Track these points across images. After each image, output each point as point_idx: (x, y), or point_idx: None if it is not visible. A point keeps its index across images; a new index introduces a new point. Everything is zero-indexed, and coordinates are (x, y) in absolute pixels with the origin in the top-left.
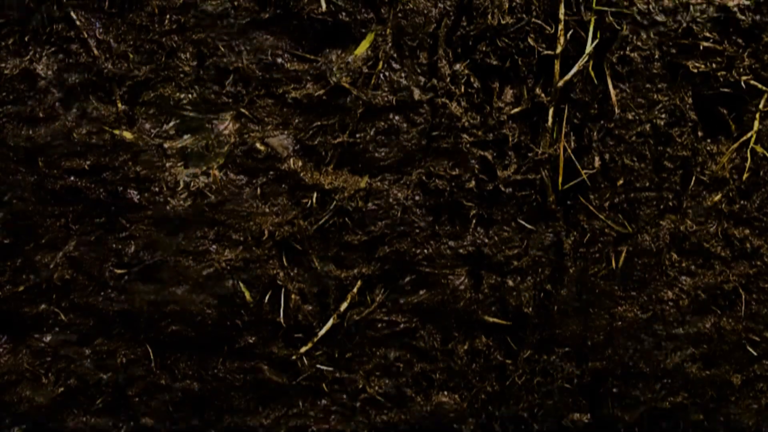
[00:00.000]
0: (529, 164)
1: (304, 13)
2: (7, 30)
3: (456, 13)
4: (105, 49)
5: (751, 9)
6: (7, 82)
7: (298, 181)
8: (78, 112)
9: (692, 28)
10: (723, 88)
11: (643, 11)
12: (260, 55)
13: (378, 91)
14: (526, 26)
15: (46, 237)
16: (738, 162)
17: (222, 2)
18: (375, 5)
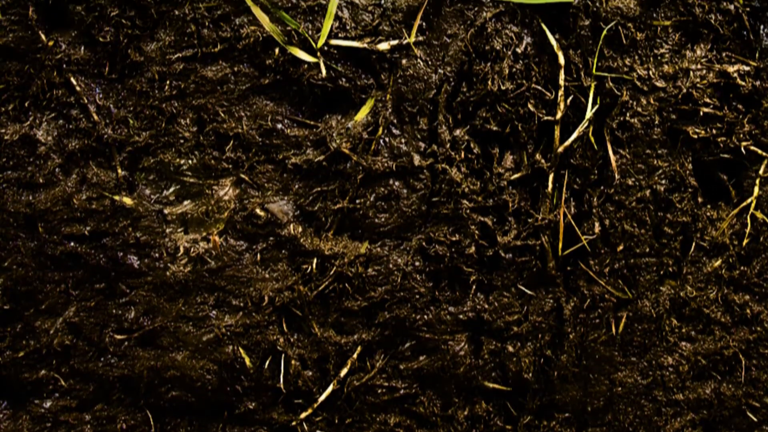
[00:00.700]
0: (529, 230)
1: (304, 79)
2: (7, 95)
3: (456, 78)
4: (105, 114)
5: (751, 75)
6: (7, 147)
7: (298, 247)
8: (78, 177)
9: (692, 94)
10: (723, 154)
11: (643, 77)
12: (260, 121)
13: (378, 156)
14: (526, 92)
15: (46, 302)
16: (738, 228)
17: (222, 68)
18: (375, 71)
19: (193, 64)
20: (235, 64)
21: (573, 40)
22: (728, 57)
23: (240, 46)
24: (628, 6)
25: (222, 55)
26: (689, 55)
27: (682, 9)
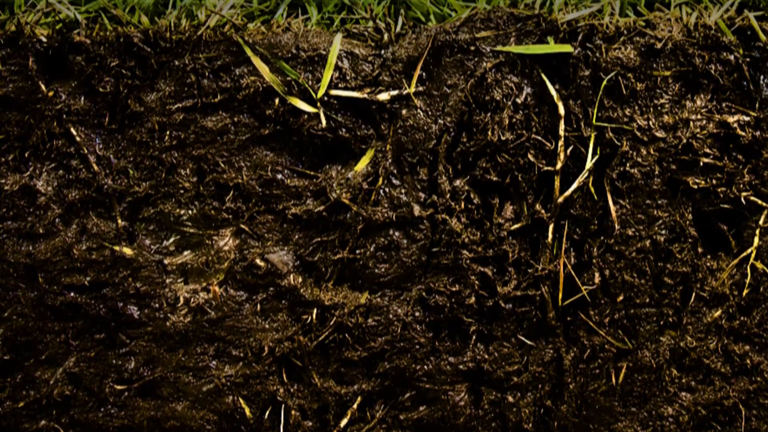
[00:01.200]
0: (529, 280)
1: (304, 130)
2: (8, 146)
3: (456, 129)
4: (105, 165)
5: (751, 125)
6: (7, 198)
7: (298, 297)
8: (78, 228)
9: (692, 144)
10: (723, 204)
11: (643, 127)
12: (260, 171)
13: (378, 207)
14: (527, 142)
15: (46, 353)
16: (738, 278)
17: (222, 118)
18: (375, 121)
19: (193, 115)
20: (235, 114)
21: (573, 91)
22: (728, 107)
23: (240, 97)
24: (628, 56)
25: (222, 106)
26: (689, 106)
27: (682, 59)
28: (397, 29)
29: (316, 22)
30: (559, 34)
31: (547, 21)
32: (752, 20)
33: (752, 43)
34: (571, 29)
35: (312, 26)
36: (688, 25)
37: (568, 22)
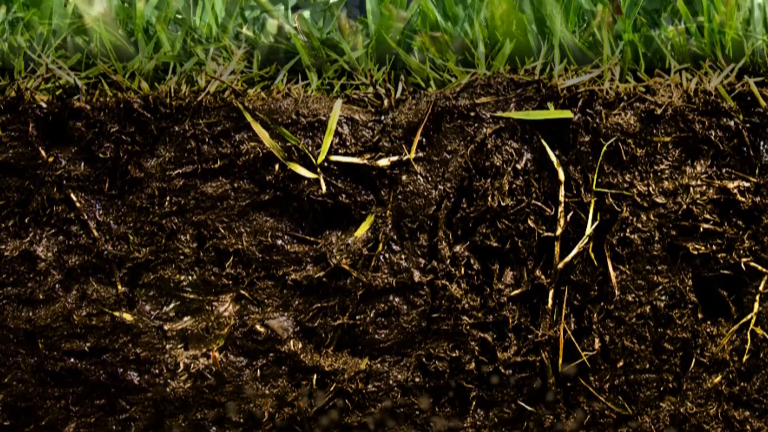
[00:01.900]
0: (529, 346)
1: (304, 195)
2: (7, 212)
3: (456, 195)
4: (105, 230)
5: (751, 191)
6: (7, 263)
7: (299, 363)
8: (78, 293)
9: (692, 210)
10: (723, 270)
11: (644, 193)
12: (260, 237)
13: (378, 272)
14: (527, 208)
15: (46, 419)
16: (738, 344)
17: (222, 184)
18: (375, 187)
19: (193, 180)
20: (235, 180)
21: (573, 156)
22: (728, 173)
23: (240, 162)
24: (628, 122)
25: (222, 171)
26: (689, 171)
27: (683, 125)
28: (397, 95)
29: (316, 88)
30: (559, 99)
31: (547, 87)
32: (752, 86)
33: (752, 109)
34: (571, 95)
35: (312, 92)
36: (688, 91)
37: (568, 88)
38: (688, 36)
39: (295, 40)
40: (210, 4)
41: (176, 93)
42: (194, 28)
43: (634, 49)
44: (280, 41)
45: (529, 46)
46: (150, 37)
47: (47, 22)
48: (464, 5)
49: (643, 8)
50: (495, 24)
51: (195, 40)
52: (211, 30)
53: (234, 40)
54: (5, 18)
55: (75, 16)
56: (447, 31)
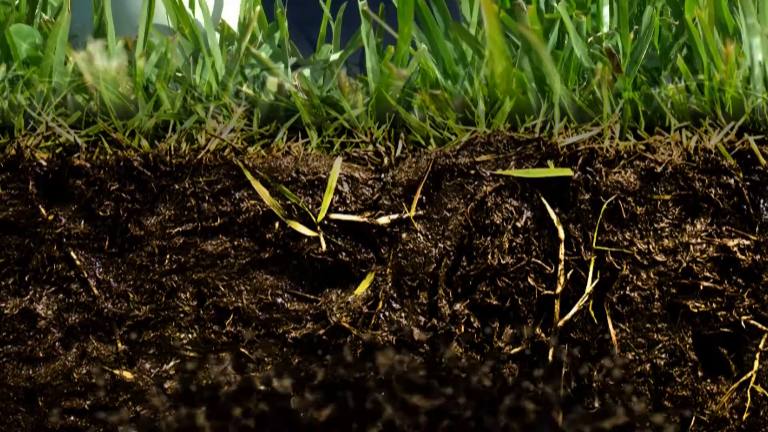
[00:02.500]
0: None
1: (304, 253)
2: (7, 270)
3: (456, 253)
4: (105, 288)
5: (751, 249)
6: (7, 321)
7: (298, 420)
8: (78, 351)
9: (692, 268)
10: (723, 328)
11: (643, 251)
12: (260, 295)
13: (378, 330)
14: (526, 266)
15: None
16: (738, 402)
17: (222, 242)
18: (375, 245)
19: (193, 238)
20: (235, 238)
21: (573, 214)
22: (728, 231)
23: (240, 221)
24: (628, 180)
25: (222, 230)
26: (689, 229)
27: (682, 183)
28: (397, 153)
29: (317, 146)
30: (559, 157)
31: (547, 145)
32: (752, 144)
33: (752, 167)
34: (571, 153)
35: (312, 150)
36: (688, 149)
37: (568, 146)
38: (688, 94)
39: (295, 98)
40: (210, 62)
41: (176, 151)
42: (194, 86)
43: (634, 107)
44: (281, 99)
45: (529, 104)
46: (150, 95)
47: (47, 80)
48: (464, 63)
49: (643, 66)
50: (495, 82)
51: (195, 98)
52: (212, 88)
53: (234, 98)
54: (5, 76)
55: (75, 74)
56: (447, 89)
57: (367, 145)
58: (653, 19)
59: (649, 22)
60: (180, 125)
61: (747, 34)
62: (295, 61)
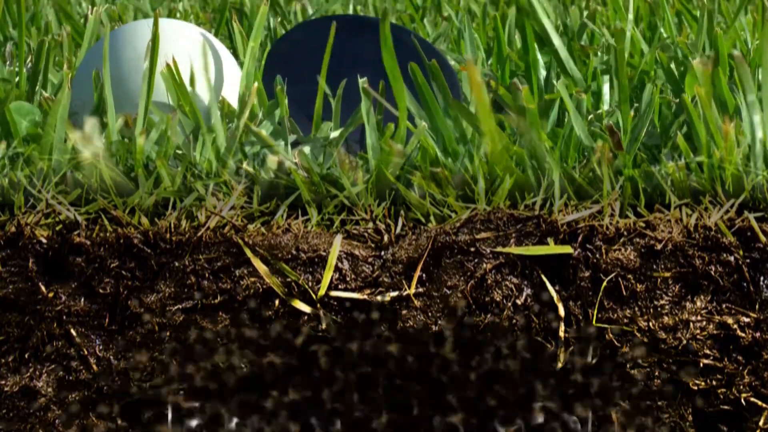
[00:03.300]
0: None
1: (304, 330)
2: (7, 347)
3: (456, 330)
4: (105, 366)
5: (751, 326)
6: (8, 399)
7: None
8: (78, 429)
9: (692, 345)
10: (723, 405)
11: (644, 328)
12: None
13: None
14: (527, 344)
15: None
16: None
17: (222, 319)
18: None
19: (193, 316)
20: (235, 315)
21: (573, 292)
22: (728, 308)
23: (240, 298)
24: (628, 258)
25: (222, 307)
26: (689, 307)
27: (682, 260)
28: (397, 230)
29: (316, 223)
30: (559, 235)
31: (547, 222)
32: (752, 221)
33: (752, 244)
34: (571, 230)
35: (312, 227)
36: (688, 226)
37: (568, 223)
38: (688, 171)
39: (295, 175)
40: (210, 140)
41: (176, 228)
42: (194, 163)
43: (634, 184)
44: (280, 177)
45: (529, 182)
46: (150, 172)
47: (47, 158)
48: (464, 141)
49: (644, 144)
50: (495, 159)
51: (195, 176)
52: (212, 165)
53: (234, 176)
54: (5, 153)
55: (75, 152)
56: (447, 166)
57: (367, 222)
58: (653, 97)
59: (650, 99)
60: (180, 202)
61: (747, 111)
62: (295, 138)
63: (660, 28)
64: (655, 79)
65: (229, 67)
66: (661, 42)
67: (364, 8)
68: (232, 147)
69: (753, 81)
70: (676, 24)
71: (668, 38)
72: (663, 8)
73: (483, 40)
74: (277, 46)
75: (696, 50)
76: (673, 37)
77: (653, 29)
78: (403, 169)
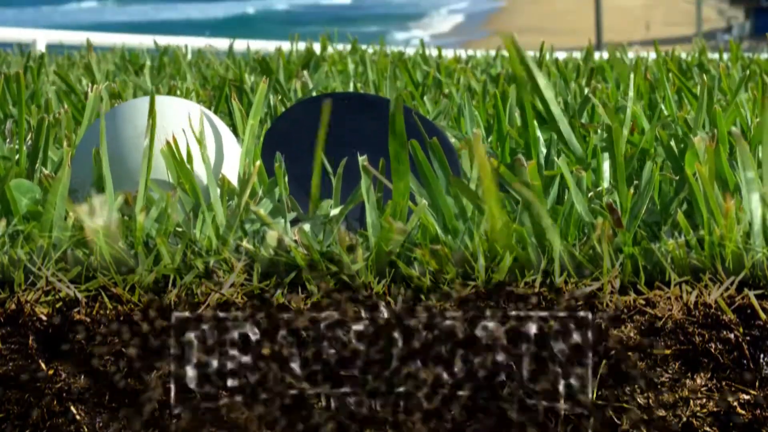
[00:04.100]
0: None
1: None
2: (8, 424)
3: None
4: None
5: (751, 404)
6: None
7: None
8: None
9: (692, 423)
10: None
11: (643, 405)
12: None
13: None
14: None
15: None
16: None
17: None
18: None
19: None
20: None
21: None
22: (728, 386)
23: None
24: (628, 335)
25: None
26: (689, 384)
27: (683, 338)
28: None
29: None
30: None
31: (548, 300)
32: (752, 299)
33: (752, 322)
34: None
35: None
36: (688, 304)
37: (568, 301)
38: (688, 249)
39: (295, 253)
40: (210, 218)
41: (176, 306)
42: (194, 240)
43: (634, 261)
44: (280, 254)
45: (529, 259)
46: (150, 249)
47: (47, 235)
48: (464, 218)
49: (644, 221)
50: (495, 237)
51: (195, 253)
52: (212, 243)
53: (234, 253)
54: (5, 231)
55: (75, 229)
56: (447, 244)
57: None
58: (653, 174)
59: (649, 176)
60: (180, 280)
61: (747, 188)
62: (294, 216)
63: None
64: (655, 157)
65: (229, 144)
66: (661, 120)
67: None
68: (233, 225)
69: (753, 158)
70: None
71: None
72: (663, 86)
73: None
74: (277, 123)
75: (696, 127)
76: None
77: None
78: (403, 247)
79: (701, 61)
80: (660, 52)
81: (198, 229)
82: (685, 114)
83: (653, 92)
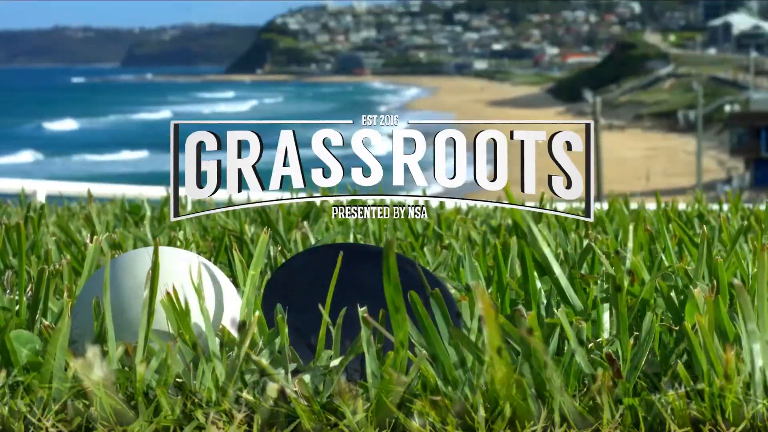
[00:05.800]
0: None
1: None
2: None
3: None
4: None
5: None
6: None
7: None
8: None
9: None
10: None
11: None
12: None
13: None
14: None
15: None
16: None
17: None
18: None
19: None
20: None
21: None
22: None
23: None
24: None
25: None
26: None
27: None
28: None
29: None
30: None
31: None
32: None
33: None
34: None
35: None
36: None
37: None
38: (688, 400)
39: (295, 404)
40: (210, 369)
41: None
42: (194, 391)
43: (634, 412)
44: (281, 405)
45: (529, 410)
46: (150, 400)
47: (47, 386)
48: (464, 369)
49: (643, 372)
50: (495, 388)
51: (195, 404)
52: (212, 394)
53: (234, 404)
54: (5, 382)
55: (75, 380)
56: (447, 395)
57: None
58: (653, 325)
59: (650, 327)
60: (180, 431)
61: (747, 339)
62: (295, 366)
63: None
64: (654, 308)
65: (229, 294)
66: (661, 271)
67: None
68: (233, 376)
69: (752, 309)
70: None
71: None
72: (664, 237)
73: (483, 268)
74: (278, 274)
75: (696, 278)
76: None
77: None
78: (404, 398)
79: (701, 212)
80: (660, 203)
81: (198, 380)
82: (685, 265)
83: (653, 243)
